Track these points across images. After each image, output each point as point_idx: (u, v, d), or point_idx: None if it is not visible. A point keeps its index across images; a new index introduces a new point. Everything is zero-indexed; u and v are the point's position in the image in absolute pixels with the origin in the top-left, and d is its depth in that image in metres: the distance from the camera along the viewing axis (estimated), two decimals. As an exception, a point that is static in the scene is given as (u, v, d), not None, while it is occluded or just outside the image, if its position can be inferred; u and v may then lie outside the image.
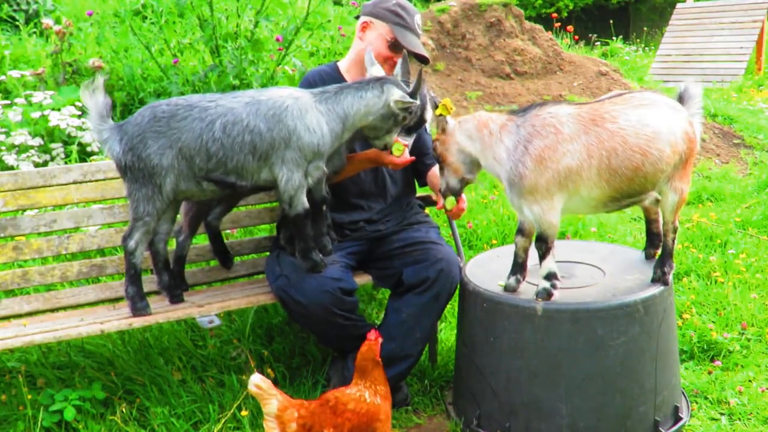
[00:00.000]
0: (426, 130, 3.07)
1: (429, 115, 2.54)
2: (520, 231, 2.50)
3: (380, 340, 2.34)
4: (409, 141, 2.62)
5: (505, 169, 2.37)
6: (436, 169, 2.98)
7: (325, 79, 2.84)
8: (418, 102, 2.49)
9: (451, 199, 2.60)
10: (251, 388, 2.15)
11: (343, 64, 2.91)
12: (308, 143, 2.42)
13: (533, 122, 2.35)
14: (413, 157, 2.70)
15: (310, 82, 2.83)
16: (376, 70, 2.58)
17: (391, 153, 2.60)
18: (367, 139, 2.64)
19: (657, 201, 2.57)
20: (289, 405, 2.19)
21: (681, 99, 2.52)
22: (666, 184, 2.43)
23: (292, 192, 2.46)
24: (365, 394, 2.27)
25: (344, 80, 2.86)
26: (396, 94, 2.45)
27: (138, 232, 2.49)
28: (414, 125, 2.63)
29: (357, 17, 2.88)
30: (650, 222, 2.75)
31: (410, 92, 2.47)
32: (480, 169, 2.53)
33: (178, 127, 2.40)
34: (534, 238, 2.44)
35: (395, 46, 2.76)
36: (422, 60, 2.81)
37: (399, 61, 2.67)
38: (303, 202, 2.49)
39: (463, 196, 2.67)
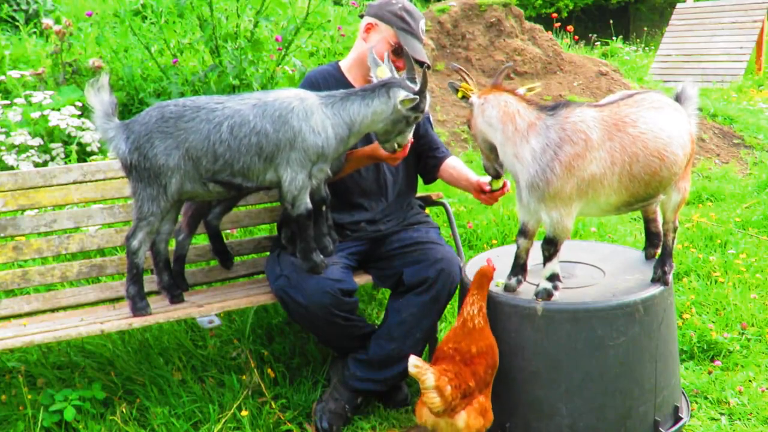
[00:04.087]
0: (430, 125, 3.06)
1: (426, 104, 2.51)
2: (523, 233, 2.48)
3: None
4: (409, 132, 2.59)
5: (527, 171, 2.30)
6: (450, 161, 2.98)
7: (327, 78, 2.84)
8: (427, 99, 2.46)
9: (495, 181, 2.67)
10: (411, 369, 2.22)
11: (345, 64, 2.91)
12: (313, 144, 2.42)
13: (564, 125, 2.27)
14: (406, 150, 2.64)
15: (312, 81, 2.83)
16: (381, 71, 2.55)
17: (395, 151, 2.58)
18: (367, 138, 2.62)
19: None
20: (439, 373, 2.28)
21: (678, 99, 2.51)
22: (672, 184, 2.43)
23: (296, 192, 2.46)
24: (475, 312, 2.39)
25: (346, 80, 2.86)
26: (401, 95, 2.43)
27: (141, 232, 2.49)
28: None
29: (361, 16, 2.87)
30: (649, 221, 2.75)
31: (417, 91, 2.43)
32: None
33: (186, 128, 2.41)
34: (542, 240, 2.42)
35: (398, 50, 2.76)
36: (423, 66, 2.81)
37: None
38: (306, 202, 2.49)
39: (507, 180, 2.68)
